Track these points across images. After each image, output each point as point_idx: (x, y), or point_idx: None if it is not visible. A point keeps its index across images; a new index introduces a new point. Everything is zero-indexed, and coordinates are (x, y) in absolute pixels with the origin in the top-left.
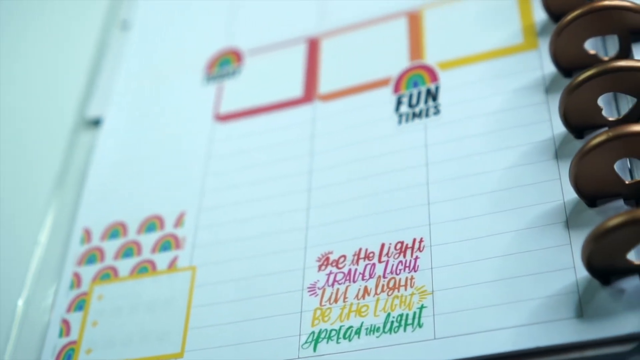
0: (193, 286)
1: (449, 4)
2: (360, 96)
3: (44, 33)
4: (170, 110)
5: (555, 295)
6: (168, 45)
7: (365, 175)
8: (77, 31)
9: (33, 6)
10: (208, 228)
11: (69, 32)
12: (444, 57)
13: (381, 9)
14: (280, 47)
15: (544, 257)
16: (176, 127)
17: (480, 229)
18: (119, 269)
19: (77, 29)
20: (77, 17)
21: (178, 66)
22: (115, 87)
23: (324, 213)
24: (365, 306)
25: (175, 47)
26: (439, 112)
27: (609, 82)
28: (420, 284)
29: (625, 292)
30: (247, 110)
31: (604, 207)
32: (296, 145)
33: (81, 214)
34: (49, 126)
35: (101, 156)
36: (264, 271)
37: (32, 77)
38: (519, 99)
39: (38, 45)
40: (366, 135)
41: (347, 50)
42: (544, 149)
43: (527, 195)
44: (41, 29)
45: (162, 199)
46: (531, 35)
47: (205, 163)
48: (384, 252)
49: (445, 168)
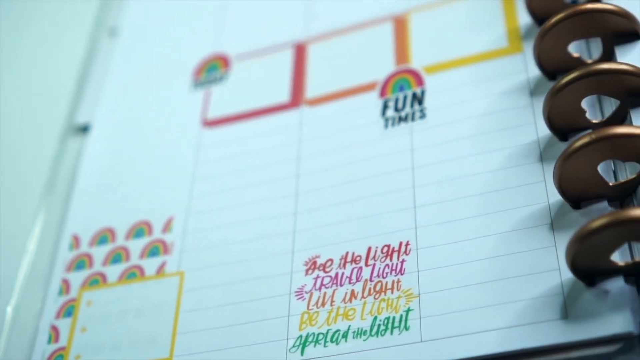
0: (181, 291)
1: (435, 8)
2: (346, 101)
3: (33, 39)
4: (158, 116)
5: (540, 297)
6: (156, 51)
7: (351, 179)
8: (66, 38)
9: (22, 13)
10: (196, 233)
11: (58, 38)
12: (430, 61)
13: (367, 14)
14: (267, 52)
15: (529, 259)
16: (164, 133)
17: (465, 231)
18: (107, 275)
19: (65, 35)
20: (66, 24)
21: (166, 72)
22: (104, 93)
23: (311, 217)
24: (352, 310)
25: (163, 53)
26: (424, 116)
27: (592, 85)
28: (406, 287)
29: (609, 293)
30: (234, 116)
31: (588, 208)
32: (283, 150)
33: (70, 220)
34: (37, 132)
35: (90, 162)
36: (252, 276)
37: (20, 83)
38: (504, 102)
39: (27, 51)
40: (353, 139)
41: (334, 55)
42: (529, 151)
43: (512, 198)
44: (30, 35)
45: (150, 204)
46: (516, 39)
47: (193, 168)
48: (370, 256)
49: (431, 171)
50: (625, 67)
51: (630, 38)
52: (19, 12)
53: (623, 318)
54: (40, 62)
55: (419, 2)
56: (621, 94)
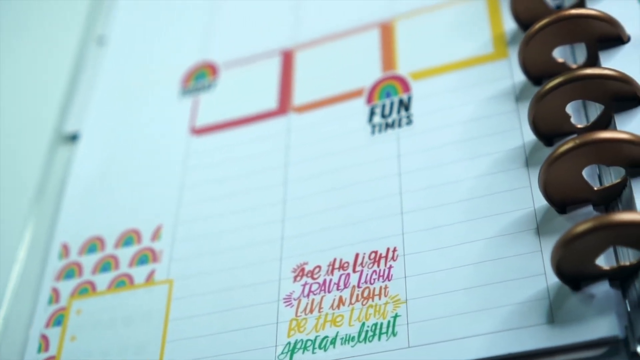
0: (170, 299)
1: (421, 15)
2: (334, 107)
3: (21, 48)
4: (146, 125)
5: (526, 301)
6: (144, 59)
7: (339, 185)
8: (55, 46)
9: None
10: (185, 241)
11: (46, 47)
12: (416, 67)
13: (354, 21)
14: (255, 59)
15: (515, 264)
16: (153, 141)
17: (452, 237)
18: (97, 284)
19: (54, 44)
20: (54, 33)
21: (154, 80)
22: (93, 102)
23: (299, 224)
24: (340, 316)
25: (151, 62)
26: (411, 122)
27: (576, 90)
28: (394, 292)
29: (595, 297)
30: (222, 123)
31: (574, 213)
32: (271, 157)
33: (59, 229)
34: (27, 141)
35: (79, 171)
36: (240, 283)
37: (10, 92)
38: (489, 108)
39: (15, 60)
40: (340, 146)
41: (321, 62)
42: (515, 156)
43: (499, 203)
44: (18, 44)
45: (139, 213)
46: (501, 45)
47: (181, 176)
48: (358, 262)
49: (417, 177)
50: (609, 72)
51: (614, 43)
52: (7, 21)
53: (608, 322)
54: (29, 71)
55: (406, 9)
56: (605, 99)
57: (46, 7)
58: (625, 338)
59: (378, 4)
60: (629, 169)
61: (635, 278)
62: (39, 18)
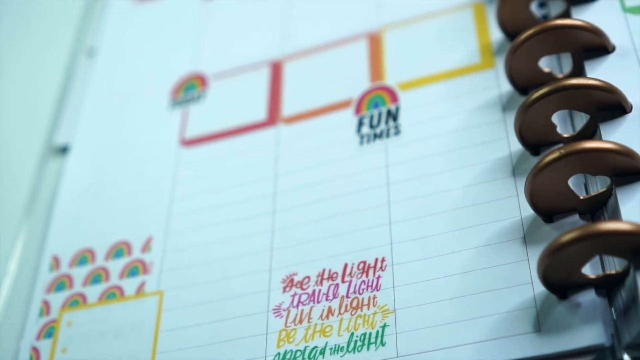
0: (161, 311)
1: (408, 26)
2: (322, 118)
3: (11, 60)
4: (136, 136)
5: (513, 310)
6: (134, 71)
7: (327, 196)
8: (44, 59)
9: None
10: (175, 252)
11: (36, 59)
12: (404, 77)
13: (342, 31)
14: (244, 71)
15: (502, 273)
16: (143, 152)
17: (440, 247)
18: (87, 295)
19: (44, 56)
20: (44, 45)
21: (144, 92)
22: (83, 114)
23: (288, 235)
24: (330, 326)
25: (141, 73)
26: (399, 133)
27: (561, 100)
28: (382, 302)
29: (581, 305)
30: (212, 135)
31: (560, 222)
32: (260, 168)
33: (50, 241)
34: (17, 154)
35: (69, 183)
36: (230, 294)
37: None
38: (477, 118)
39: (5, 72)
40: (328, 156)
41: (310, 73)
42: (502, 166)
43: (486, 213)
44: (8, 56)
45: (129, 224)
46: (488, 55)
47: (171, 188)
48: (347, 272)
49: (405, 188)
50: (594, 82)
51: (599, 52)
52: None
53: (595, 330)
54: (19, 83)
55: (393, 19)
56: (590, 108)
57: (36, 19)
58: (611, 346)
59: (366, 15)
60: (614, 177)
61: (621, 286)
62: (29, 30)
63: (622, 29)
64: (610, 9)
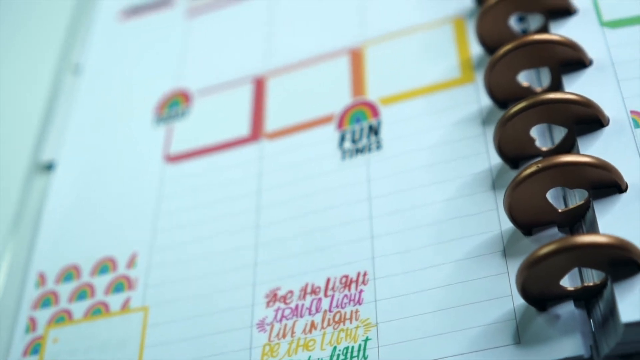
0: (145, 326)
1: (390, 41)
2: (305, 133)
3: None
4: (121, 153)
5: (493, 323)
6: (119, 88)
7: (310, 211)
8: (30, 75)
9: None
10: (160, 268)
11: (22, 76)
12: (385, 92)
13: (324, 47)
14: (228, 87)
15: (482, 286)
16: (127, 169)
17: (421, 260)
18: (73, 312)
19: (30, 73)
20: (30, 62)
21: (129, 109)
22: (68, 131)
23: (271, 249)
24: (312, 340)
25: (126, 90)
26: (381, 147)
27: (539, 114)
28: (364, 316)
29: (560, 317)
30: (196, 151)
31: (539, 235)
32: (244, 184)
33: (35, 258)
34: (2, 171)
35: (55, 200)
36: (214, 309)
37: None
38: (457, 132)
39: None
40: (311, 171)
41: (293, 88)
42: (482, 180)
43: (466, 226)
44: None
45: (114, 240)
46: (468, 69)
47: (156, 204)
48: (329, 287)
49: (387, 202)
50: (570, 97)
51: (577, 67)
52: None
53: (573, 341)
54: (5, 100)
55: (375, 35)
56: (568, 122)
57: (21, 36)
58: (590, 357)
59: (348, 31)
60: (592, 191)
61: (599, 298)
62: (15, 47)
63: (599, 43)
64: (587, 24)
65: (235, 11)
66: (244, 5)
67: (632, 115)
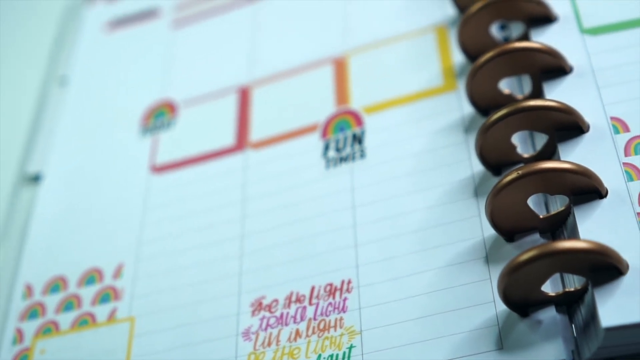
0: (132, 336)
1: (373, 50)
2: (289, 143)
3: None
4: (108, 163)
5: (476, 329)
6: (105, 99)
7: (294, 219)
8: (17, 87)
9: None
10: (146, 278)
11: (8, 88)
12: (369, 101)
13: (308, 57)
14: (213, 97)
15: (465, 292)
16: (114, 180)
17: (404, 268)
18: (60, 323)
19: (16, 85)
20: (17, 74)
21: (115, 120)
22: (55, 142)
23: (256, 259)
24: (297, 348)
25: (112, 101)
26: (364, 156)
27: (520, 121)
28: (349, 324)
29: (542, 323)
30: (182, 161)
31: (521, 241)
32: (229, 193)
33: (22, 270)
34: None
35: (42, 211)
36: (200, 318)
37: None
38: (440, 140)
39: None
40: (296, 180)
41: (277, 98)
42: (464, 187)
43: (449, 233)
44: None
45: (100, 251)
46: (450, 77)
47: (142, 214)
48: (314, 295)
49: (371, 210)
50: (550, 104)
51: (557, 74)
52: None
53: (555, 347)
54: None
55: (358, 44)
56: (549, 129)
57: (8, 47)
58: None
59: (331, 40)
60: (572, 197)
61: (581, 303)
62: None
63: (579, 50)
64: (568, 31)
65: (220, 22)
66: (229, 16)
67: (612, 121)
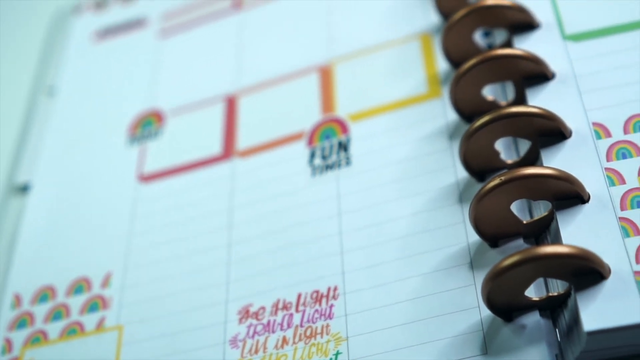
0: (120, 345)
1: (358, 58)
2: (276, 151)
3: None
4: (96, 173)
5: (461, 334)
6: (92, 109)
7: (281, 227)
8: (5, 97)
9: None
10: (134, 287)
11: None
12: (354, 109)
13: (294, 65)
14: (200, 106)
15: (450, 298)
16: (102, 189)
17: (390, 274)
18: (48, 332)
19: (4, 95)
20: (4, 84)
21: (102, 129)
22: (43, 152)
23: (243, 266)
24: (284, 355)
25: (100, 111)
26: (350, 163)
27: (503, 128)
28: (335, 330)
29: (526, 327)
30: (169, 170)
31: (505, 247)
32: (216, 202)
33: (11, 280)
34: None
35: (30, 221)
36: (188, 327)
37: None
38: (424, 147)
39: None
40: (282, 188)
41: (263, 106)
42: (449, 193)
43: (434, 240)
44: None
45: (89, 260)
46: (435, 84)
47: (129, 223)
48: (300, 302)
49: (356, 217)
50: (533, 110)
51: (540, 80)
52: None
53: (539, 351)
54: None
55: (343, 52)
56: (532, 135)
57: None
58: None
59: (317, 49)
60: (555, 202)
61: (564, 308)
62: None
63: (561, 57)
64: (550, 38)
65: (207, 31)
66: (215, 25)
67: (594, 127)
